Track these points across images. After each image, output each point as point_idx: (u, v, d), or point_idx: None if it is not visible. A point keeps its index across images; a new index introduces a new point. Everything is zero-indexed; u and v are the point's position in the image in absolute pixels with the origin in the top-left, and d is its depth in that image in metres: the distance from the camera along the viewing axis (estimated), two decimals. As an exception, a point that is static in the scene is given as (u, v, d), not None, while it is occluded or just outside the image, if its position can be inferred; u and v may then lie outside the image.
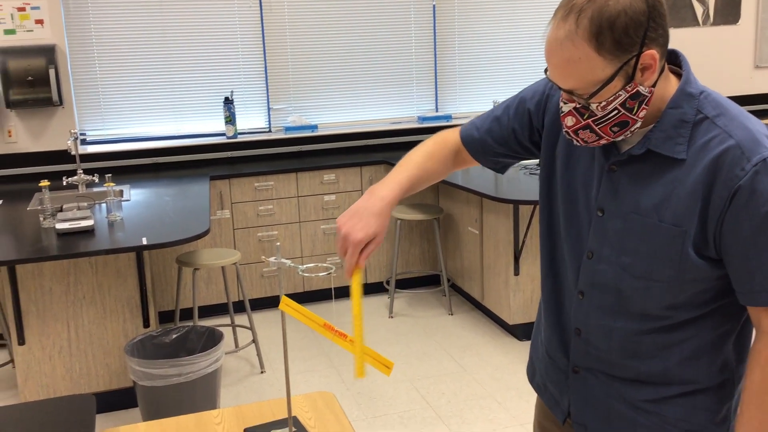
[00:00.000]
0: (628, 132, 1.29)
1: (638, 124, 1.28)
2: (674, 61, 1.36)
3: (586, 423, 1.48)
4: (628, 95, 1.24)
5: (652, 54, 1.22)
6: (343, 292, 5.11)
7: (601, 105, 1.25)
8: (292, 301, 1.43)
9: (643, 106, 1.26)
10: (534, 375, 1.65)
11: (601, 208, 1.38)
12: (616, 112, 1.26)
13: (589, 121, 1.28)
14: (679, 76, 1.34)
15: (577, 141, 1.33)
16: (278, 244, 1.47)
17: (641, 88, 1.25)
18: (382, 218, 1.45)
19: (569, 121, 1.31)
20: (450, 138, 1.64)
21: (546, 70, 1.30)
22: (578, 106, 1.28)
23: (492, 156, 1.62)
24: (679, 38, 5.94)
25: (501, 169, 1.66)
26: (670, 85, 1.31)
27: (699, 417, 1.39)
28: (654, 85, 1.26)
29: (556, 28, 1.23)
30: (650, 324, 1.36)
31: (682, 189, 1.27)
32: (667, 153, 1.28)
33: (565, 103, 1.31)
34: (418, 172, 1.56)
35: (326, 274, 1.46)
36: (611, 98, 1.24)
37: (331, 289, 5.04)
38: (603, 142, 1.31)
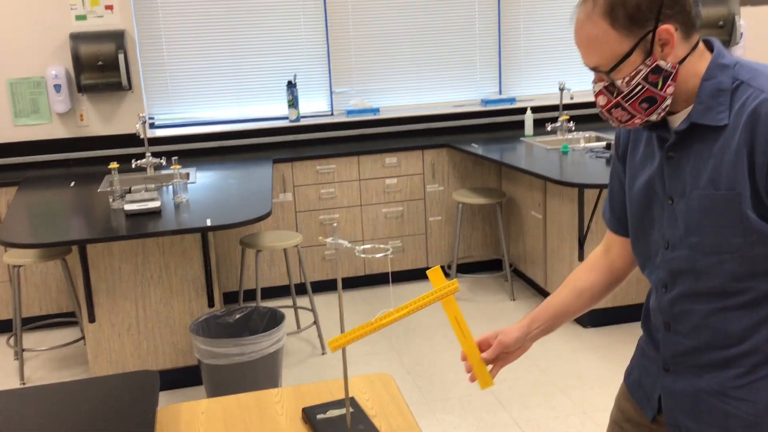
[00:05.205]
0: (659, 110, 1.33)
1: (668, 101, 1.32)
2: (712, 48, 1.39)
3: (679, 422, 1.47)
4: (649, 69, 1.30)
5: (667, 29, 1.27)
6: (401, 276, 5.10)
7: (625, 80, 1.32)
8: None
9: (669, 82, 1.31)
10: (631, 372, 1.64)
11: (670, 197, 1.40)
12: (640, 87, 1.31)
13: (618, 98, 1.34)
14: None
15: (612, 121, 1.38)
16: (335, 225, 1.47)
17: (662, 63, 1.30)
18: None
19: (601, 100, 1.37)
20: (597, 251, 1.67)
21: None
22: (606, 84, 1.34)
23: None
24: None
25: None
26: (706, 63, 1.34)
27: None
28: (682, 62, 1.30)
29: (579, 11, 1.33)
30: (731, 300, 1.34)
31: (728, 153, 1.29)
32: (710, 122, 1.31)
33: (595, 83, 1.37)
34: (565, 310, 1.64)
35: (383, 255, 1.45)
36: (633, 72, 1.31)
37: (388, 272, 5.03)
38: (637, 121, 1.35)
